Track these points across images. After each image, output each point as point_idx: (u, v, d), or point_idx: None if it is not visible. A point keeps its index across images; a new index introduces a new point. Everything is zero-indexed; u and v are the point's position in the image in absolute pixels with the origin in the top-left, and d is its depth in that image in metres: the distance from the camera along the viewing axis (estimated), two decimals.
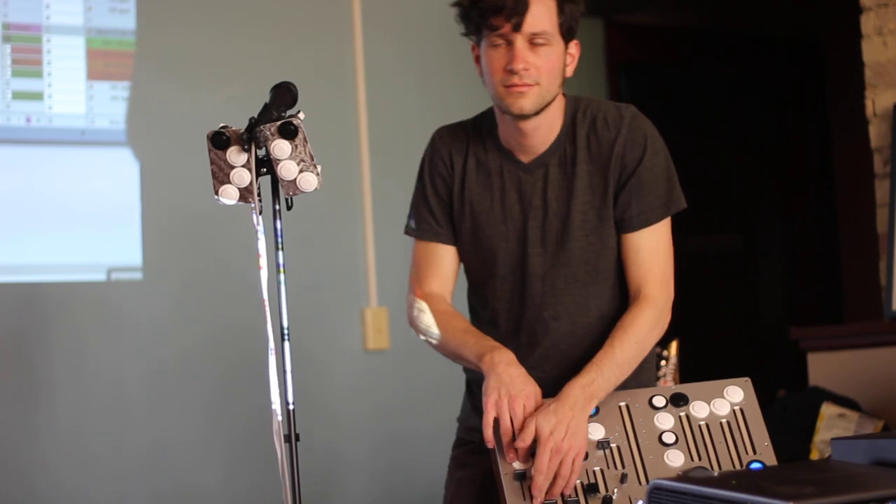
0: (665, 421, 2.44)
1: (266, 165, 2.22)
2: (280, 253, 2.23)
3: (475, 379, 2.62)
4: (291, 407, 2.21)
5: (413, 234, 2.66)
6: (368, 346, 4.18)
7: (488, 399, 2.37)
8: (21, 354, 3.67)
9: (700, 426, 2.44)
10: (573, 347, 2.56)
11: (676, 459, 2.40)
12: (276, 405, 2.16)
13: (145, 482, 3.80)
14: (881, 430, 3.57)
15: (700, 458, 2.40)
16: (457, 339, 2.54)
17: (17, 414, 3.65)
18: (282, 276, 2.23)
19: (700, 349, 3.99)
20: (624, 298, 2.59)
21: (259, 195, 2.22)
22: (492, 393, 2.38)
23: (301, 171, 2.21)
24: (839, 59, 5.51)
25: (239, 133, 2.20)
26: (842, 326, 4.35)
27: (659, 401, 2.47)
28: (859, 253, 5.18)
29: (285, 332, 2.22)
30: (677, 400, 2.47)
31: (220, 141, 2.21)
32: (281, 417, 2.17)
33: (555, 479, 2.34)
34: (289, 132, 2.19)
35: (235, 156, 2.21)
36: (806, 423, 3.62)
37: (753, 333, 5.91)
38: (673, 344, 3.52)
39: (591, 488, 2.36)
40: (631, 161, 2.53)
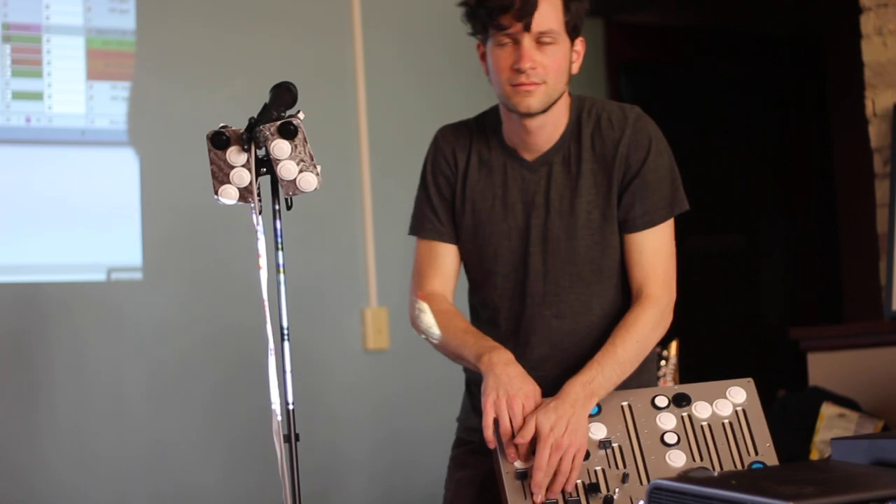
0: (667, 421, 2.44)
1: (266, 165, 2.21)
2: (280, 253, 2.23)
3: (474, 379, 2.62)
4: (291, 407, 2.20)
5: (417, 233, 2.66)
6: (368, 346, 4.18)
7: (487, 399, 2.37)
8: (21, 354, 3.67)
9: (702, 427, 2.44)
10: (575, 347, 2.56)
11: (678, 460, 2.40)
12: (276, 405, 2.16)
13: (145, 482, 3.80)
14: (881, 430, 3.57)
15: (702, 459, 2.40)
16: (457, 339, 2.54)
17: (17, 414, 3.65)
18: (282, 276, 2.23)
19: (701, 349, 3.99)
20: (626, 298, 2.58)
21: (259, 195, 2.22)
22: (490, 393, 2.38)
23: (301, 171, 2.21)
24: (839, 59, 5.50)
25: (239, 133, 2.20)
26: (842, 326, 4.35)
27: (661, 401, 2.47)
28: (859, 253, 5.18)
29: (285, 332, 2.22)
30: (680, 400, 2.46)
31: (219, 141, 2.20)
32: (281, 417, 2.17)
33: (555, 477, 2.33)
34: (288, 132, 2.18)
35: (235, 156, 2.20)
36: (806, 423, 3.61)
37: (755, 333, 5.91)
38: (673, 344, 3.52)
39: (592, 488, 2.36)
40: (635, 162, 2.53)
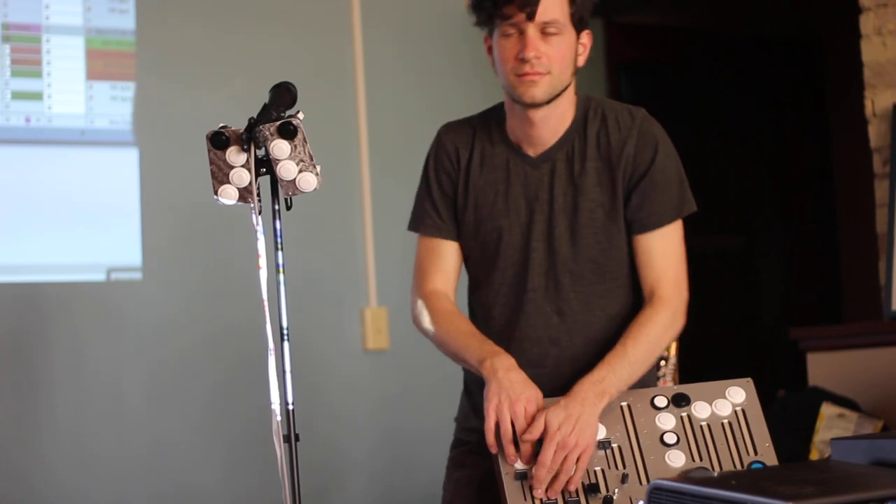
0: (666, 421, 2.44)
1: (265, 165, 2.21)
2: (280, 253, 2.23)
3: (473, 379, 2.62)
4: (291, 407, 2.20)
5: (417, 229, 2.66)
6: (368, 346, 4.18)
7: (489, 405, 2.38)
8: (21, 354, 3.67)
9: (701, 427, 2.44)
10: (574, 346, 2.55)
11: (677, 460, 2.40)
12: (276, 405, 2.16)
13: (145, 482, 3.80)
14: (881, 430, 3.57)
15: (701, 459, 2.40)
16: (458, 341, 2.53)
17: (17, 414, 3.65)
18: (281, 277, 2.23)
19: (700, 349, 3.98)
20: (636, 303, 2.58)
21: (258, 195, 2.22)
22: (493, 398, 2.38)
23: (300, 171, 2.21)
24: (839, 60, 5.50)
25: (238, 133, 2.20)
26: (841, 326, 4.35)
27: (661, 401, 2.46)
28: (859, 253, 5.18)
29: (285, 332, 2.22)
30: (679, 400, 2.46)
31: (219, 141, 2.20)
32: (280, 417, 2.17)
33: (557, 475, 2.33)
34: (288, 132, 2.18)
35: (235, 156, 2.20)
36: (806, 423, 3.61)
37: (753, 334, 5.91)
38: (672, 344, 3.51)
39: (591, 488, 2.36)
40: (642, 162, 2.53)
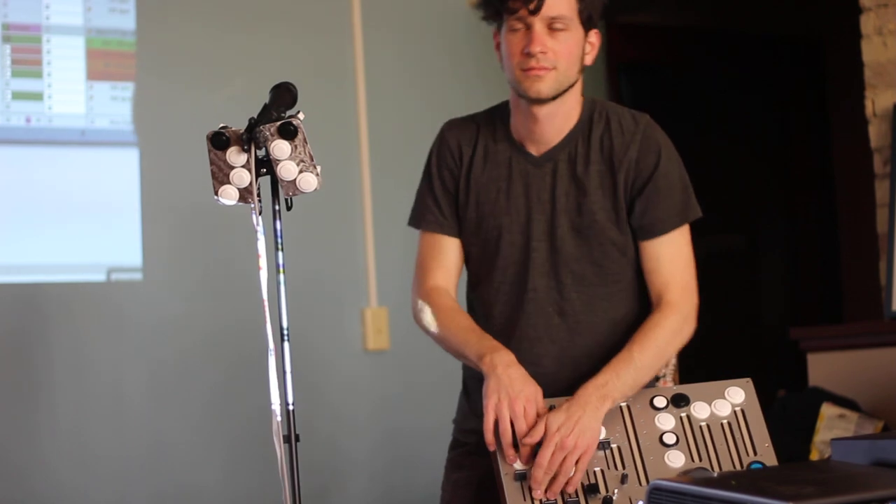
0: (666, 421, 2.44)
1: (266, 166, 2.21)
2: (280, 253, 2.23)
3: (472, 377, 2.61)
4: (291, 407, 2.20)
5: (418, 225, 2.65)
6: (368, 346, 4.18)
7: (488, 402, 2.37)
8: (21, 354, 3.67)
9: (701, 427, 2.44)
10: (575, 346, 2.55)
11: (677, 460, 2.39)
12: (276, 405, 2.16)
13: (145, 482, 3.80)
14: (881, 431, 3.57)
15: (701, 459, 2.40)
16: (459, 337, 2.53)
17: (17, 414, 3.65)
18: (281, 277, 2.23)
19: (700, 349, 3.98)
20: (643, 308, 2.58)
21: (259, 195, 2.22)
22: (492, 395, 2.38)
23: (301, 172, 2.21)
24: (839, 60, 5.49)
25: (239, 133, 2.20)
26: (842, 326, 4.35)
27: (660, 401, 2.46)
28: (859, 253, 5.18)
29: (285, 332, 2.22)
30: (678, 400, 2.46)
31: (219, 141, 2.20)
32: (280, 418, 2.17)
33: (555, 476, 2.33)
34: (288, 132, 2.18)
35: (235, 156, 2.20)
36: (806, 423, 3.61)
37: (755, 333, 5.90)
38: None
39: (591, 489, 2.35)
40: (645, 168, 2.53)
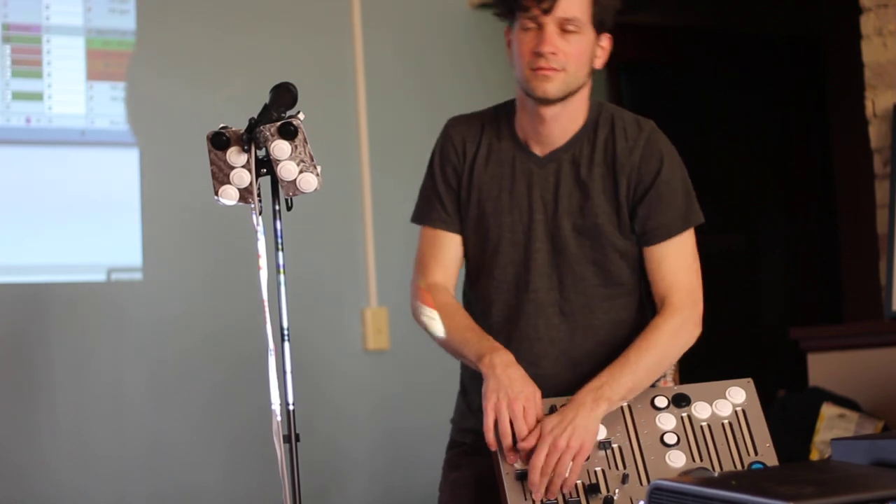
0: (667, 421, 2.44)
1: (266, 166, 2.21)
2: (280, 253, 2.23)
3: (470, 376, 2.61)
4: (291, 407, 2.20)
5: (421, 221, 2.65)
6: (368, 347, 4.18)
7: (488, 402, 2.37)
8: (21, 354, 3.67)
9: (702, 427, 2.44)
10: (575, 347, 2.55)
11: (678, 460, 2.39)
12: (276, 405, 2.16)
13: (145, 482, 3.80)
14: (881, 431, 3.57)
15: (702, 459, 2.40)
16: (457, 335, 2.53)
17: (17, 414, 3.65)
18: (282, 277, 2.23)
19: (701, 349, 3.98)
20: (647, 313, 2.58)
21: (259, 196, 2.22)
22: (491, 396, 2.38)
23: (301, 172, 2.21)
24: (839, 60, 5.49)
25: (239, 133, 2.20)
26: (842, 327, 4.35)
27: (661, 401, 2.46)
28: (859, 253, 5.17)
29: (285, 332, 2.22)
30: (679, 400, 2.46)
31: (219, 141, 2.20)
32: (280, 418, 2.17)
33: (552, 478, 2.33)
34: (289, 133, 2.18)
35: (235, 156, 2.20)
36: (806, 423, 3.61)
37: (755, 333, 5.90)
38: None
39: (592, 488, 2.35)
40: (647, 173, 2.52)
